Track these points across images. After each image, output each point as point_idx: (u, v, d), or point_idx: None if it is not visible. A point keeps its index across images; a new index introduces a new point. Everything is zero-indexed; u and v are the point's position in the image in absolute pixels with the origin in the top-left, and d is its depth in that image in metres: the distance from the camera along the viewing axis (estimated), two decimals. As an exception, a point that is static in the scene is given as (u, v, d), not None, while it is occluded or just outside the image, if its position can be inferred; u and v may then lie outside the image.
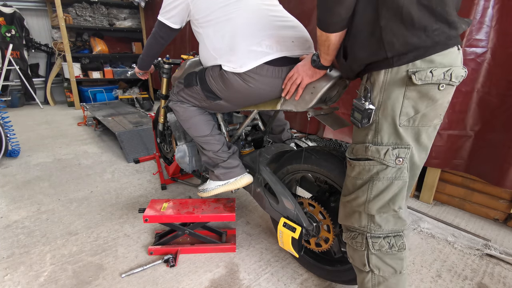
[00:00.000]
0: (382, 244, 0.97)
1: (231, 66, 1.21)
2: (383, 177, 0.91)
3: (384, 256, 0.99)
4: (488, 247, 1.66)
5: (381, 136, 0.88)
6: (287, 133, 1.78)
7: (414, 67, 0.81)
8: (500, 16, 1.64)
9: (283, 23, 1.24)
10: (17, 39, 4.81)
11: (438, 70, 0.80)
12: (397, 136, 0.87)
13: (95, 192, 2.23)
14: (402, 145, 0.88)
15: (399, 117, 0.85)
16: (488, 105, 1.74)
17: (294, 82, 1.14)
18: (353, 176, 0.97)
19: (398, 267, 0.99)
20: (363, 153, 0.92)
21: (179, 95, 1.47)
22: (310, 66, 1.07)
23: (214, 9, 1.22)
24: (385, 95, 0.85)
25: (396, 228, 0.97)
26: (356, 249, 1.03)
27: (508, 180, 1.67)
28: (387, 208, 0.94)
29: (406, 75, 0.81)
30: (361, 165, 0.93)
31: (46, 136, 3.54)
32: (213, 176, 1.51)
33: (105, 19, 5.04)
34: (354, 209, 1.00)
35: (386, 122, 0.87)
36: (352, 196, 0.99)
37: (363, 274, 1.05)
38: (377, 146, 0.89)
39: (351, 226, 1.04)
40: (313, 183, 1.54)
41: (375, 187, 0.92)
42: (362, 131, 0.93)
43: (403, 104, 0.84)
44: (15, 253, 1.59)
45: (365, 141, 0.92)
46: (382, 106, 0.86)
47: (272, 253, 1.61)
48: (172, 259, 1.49)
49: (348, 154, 0.99)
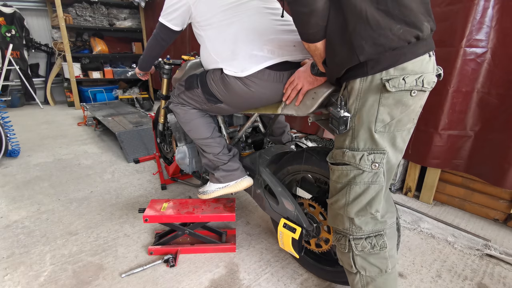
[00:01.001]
0: (364, 245, 1.00)
1: (233, 70, 1.21)
2: (359, 181, 0.94)
3: (367, 256, 1.01)
4: (488, 247, 1.67)
5: (357, 142, 0.92)
6: (288, 135, 1.78)
7: (388, 75, 0.84)
8: (500, 16, 1.64)
9: (285, 27, 1.24)
10: (17, 39, 4.81)
11: (410, 77, 0.83)
12: (372, 142, 0.90)
13: (95, 192, 2.23)
14: (378, 151, 0.91)
15: (375, 124, 0.88)
16: (488, 105, 1.74)
17: (294, 88, 1.14)
18: (333, 180, 1.01)
19: (383, 266, 1.02)
20: (341, 158, 0.96)
21: (180, 97, 1.47)
22: (310, 73, 1.08)
23: (216, 12, 1.22)
24: (361, 103, 0.88)
25: (376, 228, 1.00)
26: (342, 251, 1.06)
27: (508, 180, 1.67)
28: (364, 211, 0.97)
29: (381, 83, 0.85)
30: (339, 170, 0.97)
31: (46, 136, 3.55)
32: (213, 179, 1.51)
33: (105, 19, 5.04)
34: (337, 212, 1.03)
35: (362, 129, 0.90)
36: (333, 199, 1.03)
37: (352, 275, 1.07)
38: (353, 152, 0.92)
39: (337, 229, 1.07)
40: (313, 184, 1.54)
41: (352, 191, 0.96)
42: (340, 137, 0.96)
43: (378, 111, 0.87)
44: (15, 253, 1.59)
45: (343, 147, 0.96)
46: (358, 113, 0.89)
47: (272, 253, 1.61)
48: (172, 259, 1.49)
49: (328, 158, 1.03)
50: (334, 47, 0.88)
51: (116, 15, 5.18)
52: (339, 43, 0.86)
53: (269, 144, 1.76)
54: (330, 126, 0.96)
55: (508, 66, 1.65)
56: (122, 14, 5.23)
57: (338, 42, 0.86)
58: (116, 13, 5.18)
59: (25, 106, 5.17)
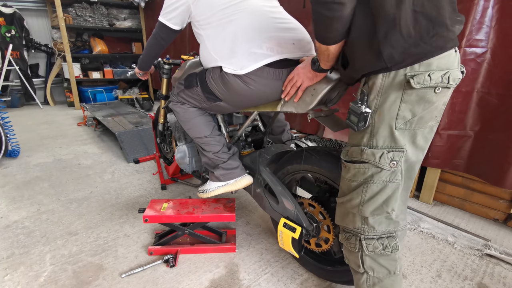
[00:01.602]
0: (375, 245, 0.98)
1: (232, 68, 1.21)
2: (377, 180, 0.92)
3: (377, 257, 1.00)
4: (488, 247, 1.66)
5: (377, 139, 0.89)
6: (287, 134, 1.78)
7: (412, 70, 0.81)
8: (500, 16, 1.64)
9: (284, 25, 1.24)
10: (17, 39, 4.81)
11: (435, 73, 0.80)
12: (392, 140, 0.88)
13: (95, 193, 2.23)
14: (397, 149, 0.88)
15: (396, 121, 0.86)
16: (488, 105, 1.74)
17: (294, 85, 1.13)
18: (347, 178, 0.98)
19: (392, 268, 1.00)
20: (358, 156, 0.92)
21: (179, 96, 1.47)
22: (310, 69, 1.06)
23: (215, 11, 1.22)
24: (382, 99, 0.85)
25: (389, 229, 0.98)
26: (350, 250, 1.04)
27: (508, 180, 1.67)
28: (380, 210, 0.95)
29: (404, 79, 0.81)
30: (355, 168, 0.94)
31: (46, 136, 3.54)
32: (213, 177, 1.51)
33: (105, 19, 5.04)
34: (349, 211, 1.01)
35: (382, 126, 0.87)
36: (346, 197, 1.00)
37: (359, 275, 1.06)
38: (372, 150, 0.89)
39: (346, 227, 1.05)
40: (313, 184, 1.54)
41: (369, 190, 0.93)
42: (358, 134, 0.93)
43: (400, 108, 0.84)
44: (15, 253, 1.59)
45: (360, 144, 0.92)
46: (379, 109, 0.87)
47: (272, 253, 1.61)
48: (172, 259, 1.49)
49: (343, 156, 0.99)
50: (356, 52, 0.85)
51: (116, 15, 5.18)
52: (364, 48, 0.83)
53: (269, 143, 1.75)
54: (347, 123, 0.92)
55: (508, 66, 1.65)
56: (122, 14, 5.23)
57: (362, 48, 0.83)
58: (116, 13, 5.18)
59: (25, 106, 5.16)
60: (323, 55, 0.94)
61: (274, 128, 1.77)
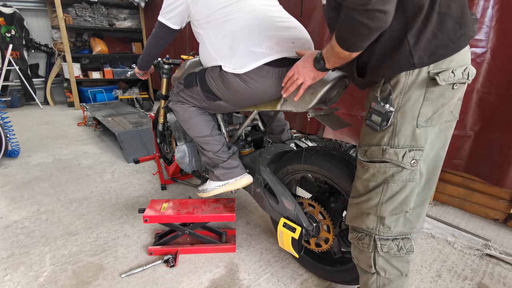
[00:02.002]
0: (391, 246, 0.97)
1: (231, 67, 1.21)
2: (398, 179, 0.90)
3: (391, 258, 0.98)
4: (488, 247, 1.66)
5: (398, 138, 0.87)
6: (287, 134, 1.78)
7: (436, 68, 0.80)
8: (500, 16, 1.64)
9: (283, 24, 1.24)
10: (17, 39, 4.81)
11: (458, 69, 0.81)
12: (413, 138, 0.87)
13: (95, 193, 2.23)
14: (417, 147, 0.87)
15: (418, 118, 0.85)
16: (488, 105, 1.74)
17: (294, 82, 1.10)
18: (365, 178, 0.95)
19: (405, 270, 0.99)
20: (380, 156, 0.90)
21: (179, 95, 1.47)
22: (313, 68, 1.02)
23: (215, 10, 1.22)
24: (405, 97, 0.84)
25: (404, 230, 0.97)
26: (362, 250, 1.02)
27: (508, 180, 1.67)
28: (399, 209, 0.93)
29: (428, 77, 0.81)
30: (376, 167, 0.92)
31: (46, 136, 3.54)
32: (213, 177, 1.51)
33: (105, 19, 5.04)
34: (364, 211, 0.98)
35: (404, 124, 0.86)
36: (363, 198, 0.97)
37: (368, 275, 1.04)
38: (395, 149, 0.88)
39: (359, 227, 1.03)
40: (313, 183, 1.54)
41: (389, 189, 0.92)
42: (377, 133, 0.90)
43: (422, 105, 0.84)
44: (15, 253, 1.59)
45: (380, 144, 0.90)
46: (402, 108, 0.85)
47: (272, 253, 1.61)
48: (172, 260, 1.49)
49: (360, 156, 0.96)
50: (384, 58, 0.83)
51: (116, 15, 5.18)
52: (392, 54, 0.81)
53: (268, 142, 1.75)
54: (368, 123, 0.90)
55: (508, 66, 1.65)
56: (122, 14, 5.23)
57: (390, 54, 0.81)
58: (116, 13, 5.18)
59: (25, 107, 5.16)
60: (339, 59, 0.89)
61: (274, 127, 1.77)
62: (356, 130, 2.33)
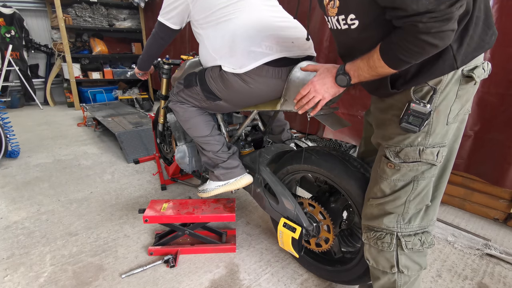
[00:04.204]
0: (415, 242, 0.96)
1: (231, 67, 1.21)
2: (427, 175, 0.91)
3: (413, 254, 0.98)
4: (488, 246, 1.66)
5: (433, 137, 0.87)
6: (287, 133, 1.78)
7: (469, 65, 0.82)
8: (500, 15, 1.64)
9: (283, 24, 1.24)
10: (17, 39, 4.81)
11: (483, 65, 0.84)
12: (443, 136, 0.88)
13: (95, 193, 2.23)
14: (443, 144, 0.89)
15: (448, 116, 0.86)
16: (488, 104, 1.74)
17: (311, 100, 1.04)
18: (395, 179, 0.93)
19: (424, 263, 1.00)
20: (416, 157, 0.88)
21: (179, 95, 1.47)
22: (334, 84, 0.98)
23: (214, 10, 1.22)
24: (442, 96, 0.84)
25: (423, 224, 0.98)
26: (382, 250, 0.99)
27: (508, 179, 1.67)
28: (422, 204, 0.95)
29: (461, 74, 0.82)
30: (409, 167, 0.90)
31: (46, 136, 3.54)
32: (213, 177, 1.51)
33: (105, 20, 5.04)
34: (387, 211, 0.97)
35: (439, 123, 0.86)
36: (389, 198, 0.95)
37: (388, 276, 1.01)
38: (431, 149, 0.88)
39: (377, 227, 1.00)
40: (313, 183, 1.54)
41: (419, 186, 0.92)
42: (411, 134, 0.88)
43: (453, 103, 0.85)
44: (15, 254, 1.58)
45: (414, 144, 0.88)
46: (437, 107, 0.85)
47: (272, 253, 1.61)
48: (172, 260, 1.49)
49: (392, 157, 0.92)
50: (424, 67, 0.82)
51: (115, 16, 5.18)
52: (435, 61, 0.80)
53: (268, 142, 1.76)
54: (405, 126, 0.86)
55: (507, 66, 1.65)
56: (121, 15, 5.23)
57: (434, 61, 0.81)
58: (116, 13, 5.18)
59: (25, 107, 5.16)
60: (372, 76, 0.87)
61: (273, 127, 1.77)
62: (356, 130, 2.33)
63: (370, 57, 0.84)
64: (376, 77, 0.88)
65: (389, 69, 0.82)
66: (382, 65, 0.82)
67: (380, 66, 0.83)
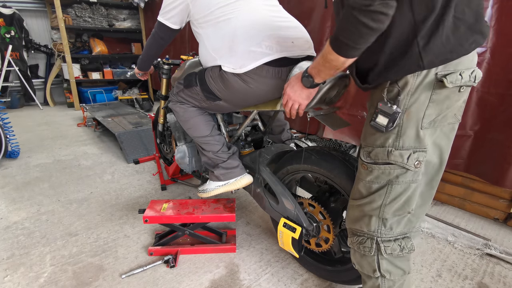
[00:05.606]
0: (394, 247, 0.96)
1: (231, 67, 1.21)
2: (402, 180, 0.90)
3: (394, 259, 0.98)
4: (488, 246, 1.66)
5: (403, 140, 0.87)
6: (287, 133, 1.78)
7: (444, 69, 0.80)
8: (499, 15, 1.64)
9: (283, 24, 1.24)
10: (17, 40, 4.81)
11: (465, 72, 0.81)
12: (417, 140, 0.86)
13: (95, 193, 2.22)
14: (421, 149, 0.87)
15: (422, 120, 0.84)
16: (488, 104, 1.74)
17: (292, 108, 1.08)
18: (368, 180, 0.95)
19: (407, 268, 1.00)
20: (385, 158, 0.89)
21: (178, 95, 1.47)
22: (303, 88, 1.00)
23: (214, 9, 1.22)
24: (412, 99, 0.83)
25: (405, 230, 0.97)
26: (364, 254, 1.01)
27: (508, 179, 1.67)
28: (402, 210, 0.94)
29: (435, 78, 0.81)
30: (380, 169, 0.91)
31: (46, 137, 3.54)
32: (213, 177, 1.51)
33: (105, 20, 5.04)
34: (366, 213, 0.98)
35: (410, 126, 0.85)
36: (365, 200, 0.97)
37: (372, 280, 1.03)
38: (400, 151, 0.87)
39: (359, 230, 1.01)
40: (313, 183, 1.54)
41: (393, 191, 0.91)
42: (381, 135, 0.89)
43: (427, 107, 0.83)
44: (15, 254, 1.58)
45: (385, 145, 0.89)
46: (408, 109, 0.84)
47: (272, 254, 1.61)
48: (172, 260, 1.49)
49: (364, 157, 0.95)
50: (392, 63, 0.82)
51: (115, 16, 5.18)
52: (402, 58, 0.80)
53: (268, 142, 1.76)
54: (373, 124, 0.88)
55: (507, 65, 1.65)
56: (121, 15, 5.23)
57: (400, 58, 0.80)
58: (116, 13, 5.18)
59: (25, 107, 5.16)
60: (331, 69, 0.88)
61: (273, 127, 1.77)
62: (356, 130, 2.33)
63: (324, 50, 0.85)
64: (333, 71, 0.89)
65: (338, 58, 0.82)
66: (333, 55, 0.82)
67: (332, 58, 0.83)
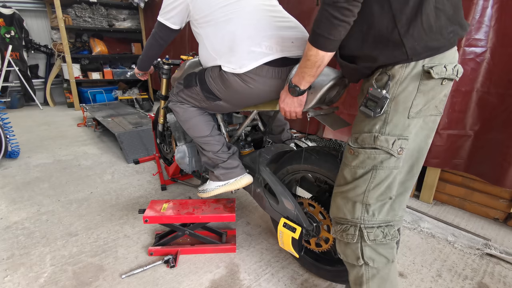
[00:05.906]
0: (377, 233, 0.99)
1: (231, 67, 1.21)
2: (386, 166, 0.94)
3: (377, 246, 1.00)
4: (488, 246, 1.66)
5: (390, 127, 0.91)
6: (287, 133, 1.78)
7: (430, 62, 0.86)
8: (499, 15, 1.64)
9: (283, 24, 1.24)
10: (17, 40, 4.81)
11: (449, 65, 0.87)
12: (403, 128, 0.91)
13: (95, 193, 2.22)
14: (404, 137, 0.92)
15: (410, 109, 0.89)
16: (488, 104, 1.74)
17: (290, 116, 1.15)
18: (354, 165, 0.98)
19: (391, 256, 1.01)
20: (371, 143, 0.93)
21: (178, 95, 1.47)
22: (293, 98, 1.08)
23: (214, 9, 1.22)
24: (400, 88, 0.88)
25: (388, 218, 1.00)
26: (348, 242, 1.03)
27: (508, 179, 1.67)
28: (384, 195, 0.97)
29: (422, 70, 0.86)
30: (366, 153, 0.95)
31: (46, 137, 3.54)
32: (213, 177, 1.51)
33: (105, 20, 5.04)
34: (349, 199, 1.01)
35: (396, 114, 0.90)
36: (350, 185, 1.00)
37: (356, 268, 1.05)
38: (386, 136, 0.91)
39: (343, 218, 1.04)
40: (313, 183, 1.54)
41: (377, 176, 0.95)
42: (370, 121, 0.94)
43: (415, 97, 0.88)
44: (15, 254, 1.58)
45: (372, 131, 0.93)
46: (396, 98, 0.89)
47: (272, 254, 1.61)
48: (172, 260, 1.49)
49: (351, 143, 0.99)
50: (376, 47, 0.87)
51: (115, 16, 5.17)
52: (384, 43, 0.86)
53: (268, 142, 1.76)
54: (362, 109, 0.93)
55: (507, 66, 1.65)
56: (121, 15, 5.23)
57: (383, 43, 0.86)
58: (116, 14, 5.18)
59: (25, 107, 5.16)
60: (312, 68, 0.94)
61: (273, 127, 1.77)
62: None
63: (304, 50, 0.93)
64: (315, 70, 0.95)
65: (317, 53, 0.89)
66: (312, 50, 0.89)
67: (312, 53, 0.90)
